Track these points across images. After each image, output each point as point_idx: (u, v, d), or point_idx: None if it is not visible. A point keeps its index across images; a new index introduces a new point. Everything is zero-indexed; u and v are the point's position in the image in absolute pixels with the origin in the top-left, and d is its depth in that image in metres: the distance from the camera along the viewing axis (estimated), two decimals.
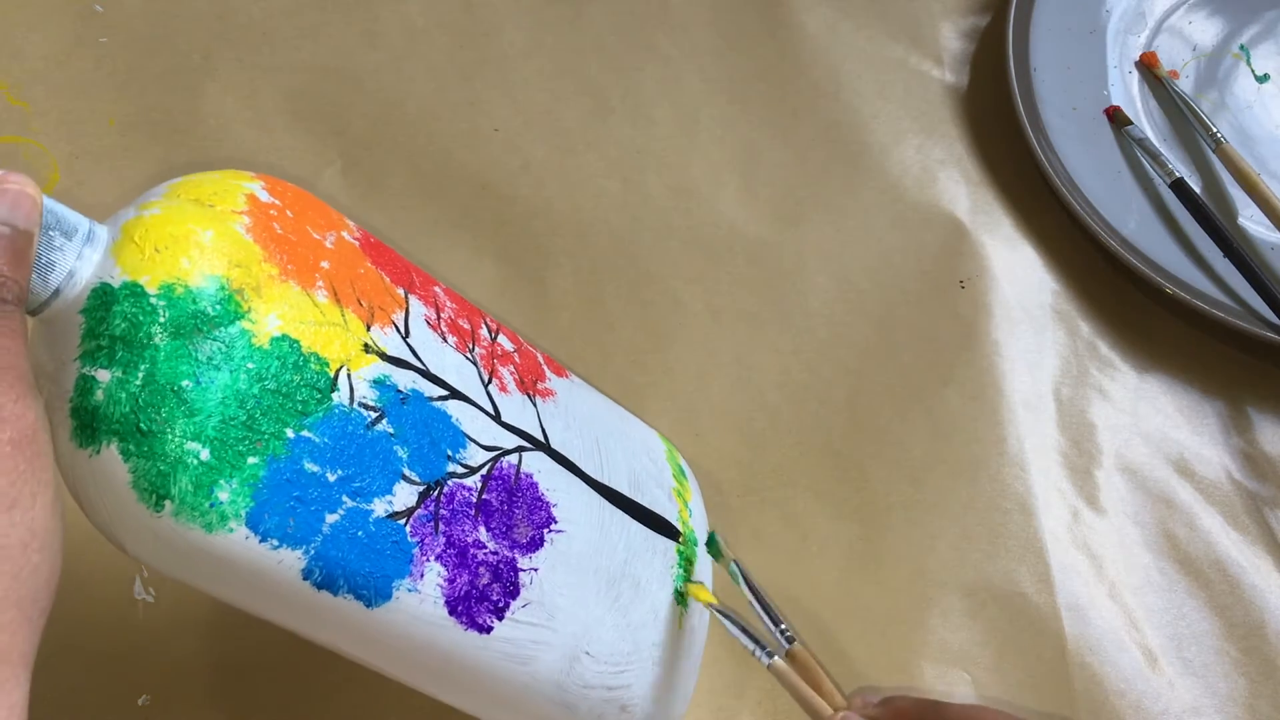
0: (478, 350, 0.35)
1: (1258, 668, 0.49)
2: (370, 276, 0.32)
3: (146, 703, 0.44)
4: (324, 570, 0.28)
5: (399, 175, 0.56)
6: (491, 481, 0.32)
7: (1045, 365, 0.55)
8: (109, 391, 0.26)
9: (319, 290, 0.30)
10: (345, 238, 0.33)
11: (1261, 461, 0.54)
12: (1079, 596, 0.50)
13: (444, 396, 0.32)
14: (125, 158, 0.54)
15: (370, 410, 0.29)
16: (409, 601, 0.30)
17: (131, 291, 0.27)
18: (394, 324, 0.32)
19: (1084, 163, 0.58)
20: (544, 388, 0.37)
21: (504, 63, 0.59)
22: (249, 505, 0.27)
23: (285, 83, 0.57)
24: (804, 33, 0.62)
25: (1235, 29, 0.64)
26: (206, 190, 0.30)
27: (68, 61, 0.56)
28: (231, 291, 0.28)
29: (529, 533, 0.33)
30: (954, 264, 0.57)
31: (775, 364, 0.54)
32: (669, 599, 0.37)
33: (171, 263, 0.27)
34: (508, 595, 0.32)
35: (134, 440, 0.26)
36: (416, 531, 0.30)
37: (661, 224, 0.56)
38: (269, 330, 0.28)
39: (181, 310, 0.27)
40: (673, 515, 0.39)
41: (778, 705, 0.46)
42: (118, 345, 0.27)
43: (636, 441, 0.40)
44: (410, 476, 0.30)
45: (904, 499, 0.51)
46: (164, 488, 0.26)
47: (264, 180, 0.31)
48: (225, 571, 0.28)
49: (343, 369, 0.29)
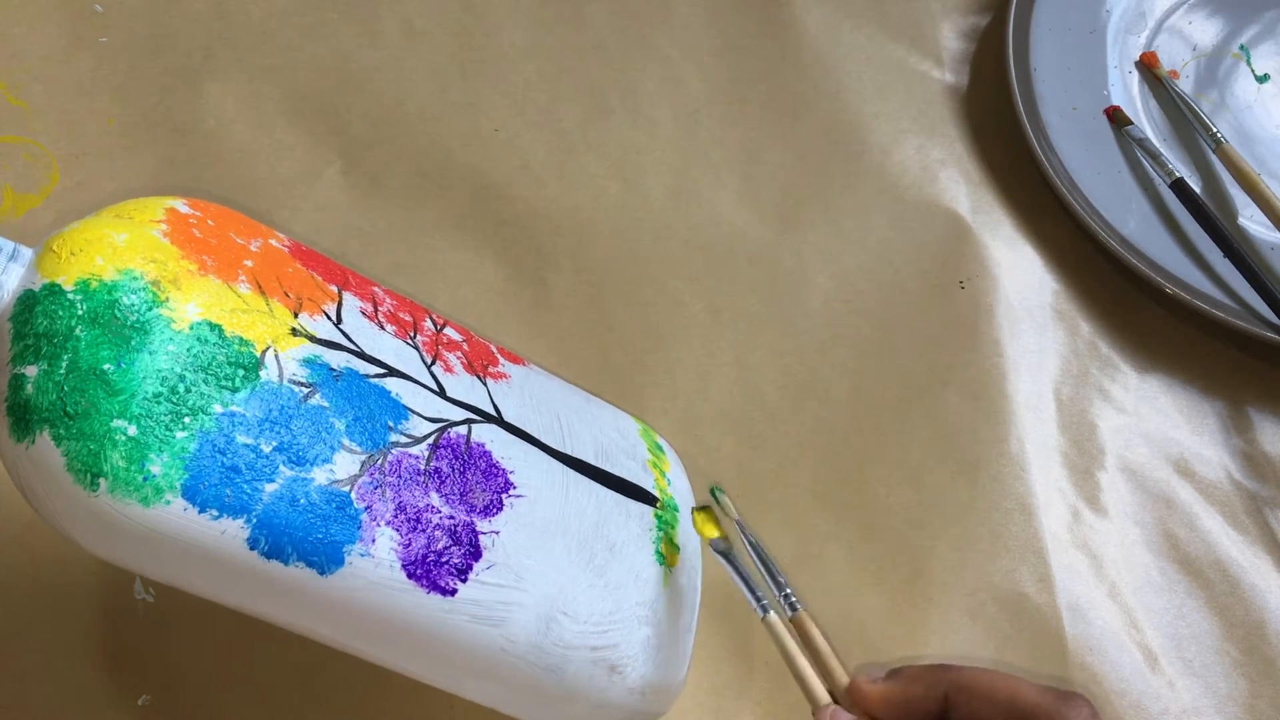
0: (419, 338, 0.36)
1: (1258, 668, 0.49)
2: (299, 274, 0.33)
3: (146, 703, 0.44)
4: (270, 539, 0.29)
5: (399, 175, 0.56)
6: (440, 450, 0.33)
7: (1046, 365, 0.55)
8: (37, 383, 0.28)
9: (241, 283, 0.31)
10: (272, 244, 0.34)
11: (1261, 461, 0.54)
12: (1079, 596, 0.50)
13: (381, 374, 0.33)
14: (125, 158, 0.54)
15: (302, 386, 0.31)
16: (363, 566, 0.31)
17: (50, 291, 0.29)
18: (324, 313, 0.33)
19: (1084, 163, 0.58)
20: (496, 371, 0.38)
21: (504, 63, 0.59)
22: (183, 477, 0.28)
23: (285, 83, 0.57)
24: (804, 33, 0.62)
25: (1235, 29, 0.64)
26: (128, 208, 0.32)
27: (67, 61, 0.56)
28: (147, 283, 0.29)
29: (486, 497, 0.34)
30: (954, 264, 0.57)
31: (775, 364, 0.54)
32: (650, 560, 0.38)
33: (87, 261, 0.29)
34: (469, 557, 0.33)
35: (63, 424, 0.28)
36: (363, 498, 0.31)
37: (661, 224, 0.56)
38: (189, 316, 0.29)
39: (98, 301, 0.29)
40: (648, 483, 0.39)
41: (778, 705, 0.46)
42: (41, 341, 0.28)
43: (605, 419, 0.41)
44: (350, 446, 0.31)
45: (904, 499, 0.51)
46: (96, 465, 0.28)
47: (186, 199, 0.33)
48: (170, 547, 0.29)
49: (270, 349, 0.30)
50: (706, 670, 0.47)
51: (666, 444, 0.43)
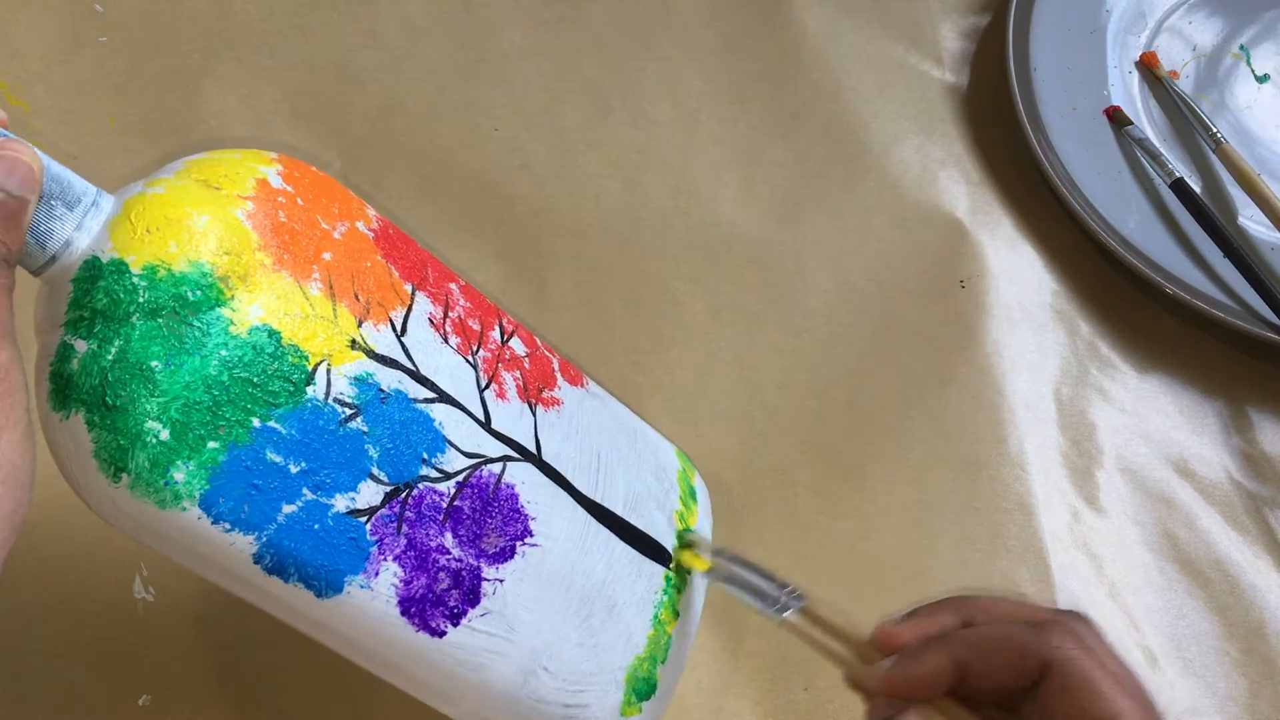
0: (481, 354, 0.34)
1: (1258, 668, 0.49)
2: (377, 270, 0.32)
3: (147, 703, 0.44)
4: (275, 557, 0.29)
5: (399, 175, 0.56)
6: (466, 489, 0.32)
7: (1045, 365, 0.55)
8: (84, 362, 0.28)
9: (313, 282, 0.30)
10: (359, 228, 0.32)
11: (1261, 461, 0.54)
12: (1079, 596, 0.50)
13: (430, 399, 0.32)
14: (125, 158, 0.54)
15: (345, 407, 0.30)
16: (360, 597, 0.30)
17: (117, 269, 0.28)
18: (390, 321, 0.31)
19: (1084, 163, 0.58)
20: (550, 396, 0.36)
21: (504, 63, 0.59)
22: (204, 488, 0.28)
23: (285, 82, 0.57)
24: (804, 33, 0.62)
25: (1235, 29, 0.64)
26: (219, 171, 0.30)
27: (68, 61, 0.56)
28: (215, 278, 0.28)
29: (499, 543, 0.33)
30: (954, 264, 0.57)
31: (775, 364, 0.54)
32: (645, 625, 0.37)
33: (159, 245, 0.28)
34: (466, 603, 0.32)
35: (99, 412, 0.27)
36: (377, 530, 0.30)
37: (661, 224, 0.56)
38: (250, 320, 0.28)
39: (161, 292, 0.28)
40: (668, 540, 0.38)
41: (777, 705, 0.46)
42: (98, 319, 0.28)
43: (646, 459, 0.40)
44: (378, 476, 0.30)
45: (904, 499, 0.51)
46: (122, 462, 0.27)
47: (282, 163, 0.32)
48: (179, 544, 0.29)
49: (323, 363, 0.29)
50: (706, 670, 0.47)
51: (702, 486, 0.43)
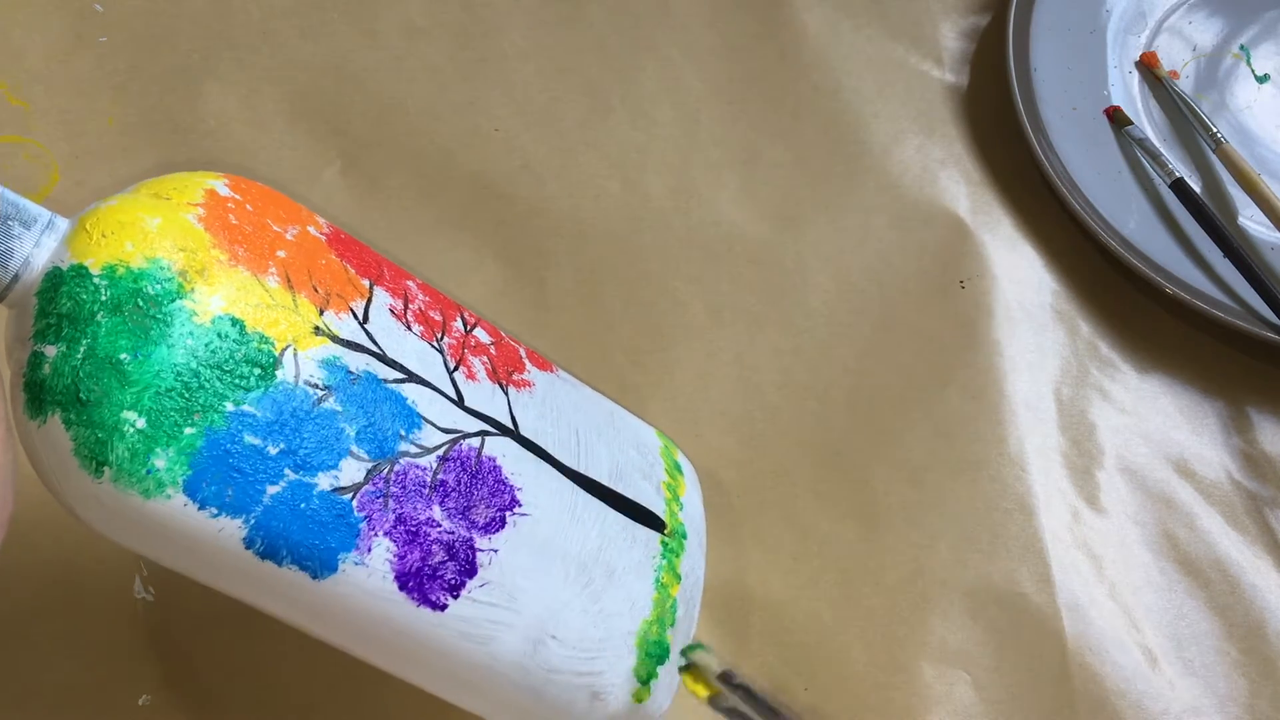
0: (446, 340, 0.35)
1: (1258, 668, 0.49)
2: (332, 267, 0.33)
3: (147, 703, 0.44)
4: (266, 540, 0.30)
5: (399, 175, 0.56)
6: (448, 463, 0.33)
7: (1045, 365, 0.55)
8: (54, 365, 0.28)
9: (270, 276, 0.31)
10: (310, 232, 0.34)
11: (1261, 461, 0.54)
12: (1079, 596, 0.50)
13: (400, 380, 0.33)
14: (125, 158, 0.54)
15: (316, 389, 0.31)
16: (356, 575, 0.31)
17: (77, 273, 0.29)
18: (351, 310, 0.33)
19: (1084, 163, 0.58)
20: (520, 379, 0.37)
21: (504, 63, 0.59)
22: (186, 474, 0.28)
23: (285, 82, 0.57)
24: (804, 33, 0.62)
25: (1235, 29, 0.64)
26: (167, 186, 0.32)
27: (67, 61, 0.56)
28: (174, 273, 0.29)
29: (489, 514, 0.33)
30: (954, 264, 0.57)
31: (775, 364, 0.54)
32: (648, 589, 0.37)
33: (116, 246, 0.29)
34: (464, 574, 0.33)
35: (74, 410, 0.28)
36: (364, 507, 0.31)
37: (661, 224, 0.56)
38: (212, 310, 0.29)
39: (122, 289, 0.29)
40: (659, 507, 0.39)
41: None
42: (64, 322, 0.29)
43: (625, 435, 0.40)
44: (358, 453, 0.31)
45: (904, 499, 0.51)
46: (102, 454, 0.28)
47: (229, 179, 0.33)
48: (168, 538, 0.29)
49: (289, 348, 0.30)
50: None
51: (686, 462, 0.43)
